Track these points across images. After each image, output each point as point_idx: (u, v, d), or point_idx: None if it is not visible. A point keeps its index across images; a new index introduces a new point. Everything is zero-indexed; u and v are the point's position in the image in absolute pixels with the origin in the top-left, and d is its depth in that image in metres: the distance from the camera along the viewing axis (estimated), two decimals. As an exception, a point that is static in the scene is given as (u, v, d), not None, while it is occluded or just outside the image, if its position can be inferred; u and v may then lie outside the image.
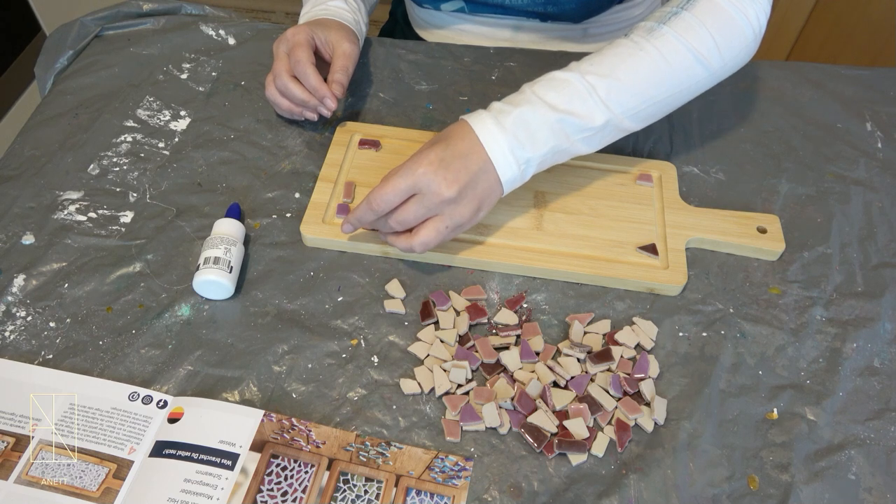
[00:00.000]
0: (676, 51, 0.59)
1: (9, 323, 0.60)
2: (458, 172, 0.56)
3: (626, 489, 0.51)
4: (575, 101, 0.58)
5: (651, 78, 0.59)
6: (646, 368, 0.57)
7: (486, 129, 0.58)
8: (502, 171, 0.58)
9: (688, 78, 0.60)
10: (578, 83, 0.58)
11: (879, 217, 0.70)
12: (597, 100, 0.58)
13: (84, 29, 0.85)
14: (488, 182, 0.58)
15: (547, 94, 0.58)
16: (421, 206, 0.57)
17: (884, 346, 0.60)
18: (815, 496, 0.52)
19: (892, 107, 0.80)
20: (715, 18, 0.59)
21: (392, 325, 0.60)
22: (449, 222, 0.58)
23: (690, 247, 0.66)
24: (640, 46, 0.59)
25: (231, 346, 0.59)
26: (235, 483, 0.50)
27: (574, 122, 0.58)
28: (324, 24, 0.73)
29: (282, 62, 0.70)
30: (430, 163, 0.56)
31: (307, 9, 0.77)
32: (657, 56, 0.59)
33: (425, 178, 0.56)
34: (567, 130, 0.59)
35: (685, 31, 0.59)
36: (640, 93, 0.59)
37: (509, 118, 0.58)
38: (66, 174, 0.71)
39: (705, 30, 0.59)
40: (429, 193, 0.56)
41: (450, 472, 0.52)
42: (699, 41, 0.59)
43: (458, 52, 0.85)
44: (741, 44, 0.61)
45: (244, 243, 0.65)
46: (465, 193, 0.57)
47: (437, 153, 0.57)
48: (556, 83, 0.59)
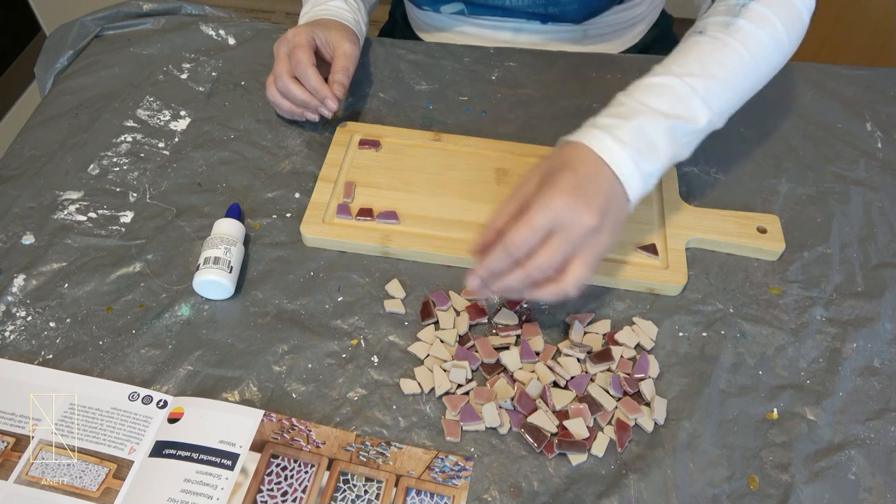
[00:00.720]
0: (758, 42, 0.59)
1: (9, 323, 0.60)
2: (595, 197, 0.51)
3: (626, 489, 0.51)
4: (679, 104, 0.56)
5: (741, 72, 0.59)
6: (646, 368, 0.57)
7: (607, 146, 0.53)
8: (631, 187, 0.53)
9: (767, 66, 0.62)
10: (678, 86, 0.56)
11: (879, 217, 0.70)
12: (699, 100, 0.57)
13: (84, 29, 0.85)
14: (619, 203, 0.53)
15: (651, 101, 0.56)
16: (564, 242, 0.50)
17: (884, 346, 0.60)
18: (815, 496, 0.52)
19: (892, 107, 0.80)
20: (780, 5, 0.60)
21: (392, 325, 0.60)
22: (594, 253, 0.52)
23: (690, 247, 0.66)
24: (724, 42, 0.59)
25: (231, 346, 0.59)
26: (235, 483, 0.50)
27: (683, 127, 0.56)
28: (324, 24, 0.73)
29: (282, 63, 0.70)
30: (567, 192, 0.50)
31: (307, 9, 0.77)
32: (742, 50, 0.59)
33: (566, 210, 0.50)
34: (677, 135, 0.56)
35: (761, 21, 0.59)
36: (733, 88, 0.59)
37: (625, 132, 0.54)
38: (66, 174, 0.71)
39: (776, 18, 0.60)
40: (570, 225, 0.50)
41: (450, 472, 0.52)
42: (774, 29, 0.60)
43: (458, 52, 0.85)
44: (800, 23, 0.63)
45: (244, 243, 0.65)
46: (605, 220, 0.51)
47: (569, 180, 0.51)
48: (657, 89, 0.56)
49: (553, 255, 0.50)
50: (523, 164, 0.71)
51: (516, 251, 0.51)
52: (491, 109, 0.79)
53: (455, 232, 0.65)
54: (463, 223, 0.66)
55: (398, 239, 0.64)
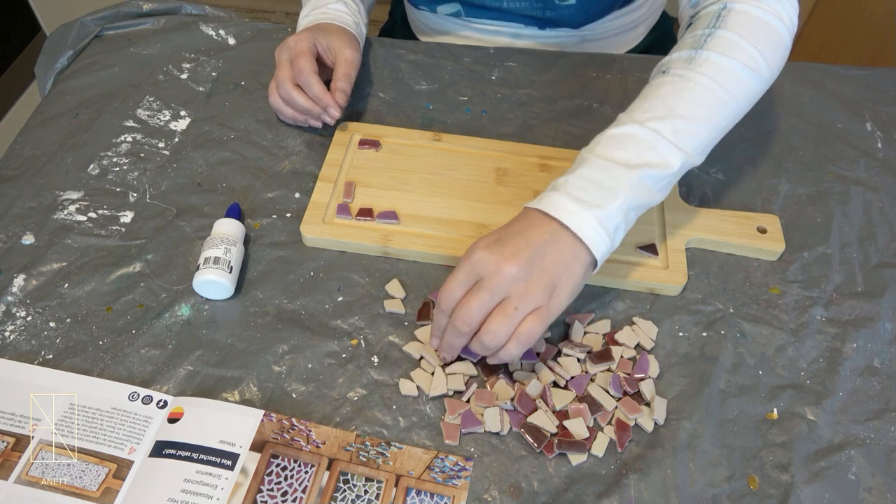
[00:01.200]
0: (728, 71, 0.56)
1: (9, 323, 0.60)
2: (515, 247, 0.50)
3: (626, 489, 0.51)
4: (645, 152, 0.54)
5: (712, 106, 0.56)
6: (646, 368, 0.57)
7: (551, 201, 0.52)
8: (595, 245, 0.52)
9: (744, 95, 0.58)
10: (642, 133, 0.54)
11: (879, 217, 0.70)
12: (667, 144, 0.54)
13: (84, 29, 0.85)
14: (558, 253, 0.51)
15: (613, 153, 0.54)
16: (483, 292, 0.50)
17: (884, 346, 0.60)
18: (815, 496, 0.52)
19: (892, 107, 0.80)
20: (752, 29, 0.57)
21: (392, 325, 0.60)
22: (518, 304, 0.50)
23: (690, 247, 0.66)
24: (687, 78, 0.56)
25: (231, 346, 0.59)
26: (235, 483, 0.50)
27: (653, 174, 0.54)
28: (325, 29, 0.73)
29: (285, 70, 0.70)
30: (485, 246, 0.51)
31: (306, 11, 0.77)
32: (710, 83, 0.56)
33: (481, 259, 0.50)
34: (648, 183, 0.54)
35: (728, 50, 0.56)
36: (705, 124, 0.56)
37: (572, 186, 0.53)
38: (66, 174, 0.71)
39: (747, 42, 0.57)
40: (487, 275, 0.50)
41: (450, 472, 0.52)
42: (745, 55, 0.57)
43: (458, 52, 0.85)
44: (781, 46, 0.59)
45: (244, 243, 0.65)
46: (530, 269, 0.50)
47: (492, 236, 0.52)
48: (618, 139, 0.54)
49: (470, 306, 0.50)
50: (523, 164, 0.71)
51: (444, 306, 0.52)
52: (491, 109, 0.79)
53: (455, 232, 0.65)
54: (463, 223, 0.66)
55: (398, 239, 0.64)
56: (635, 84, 0.82)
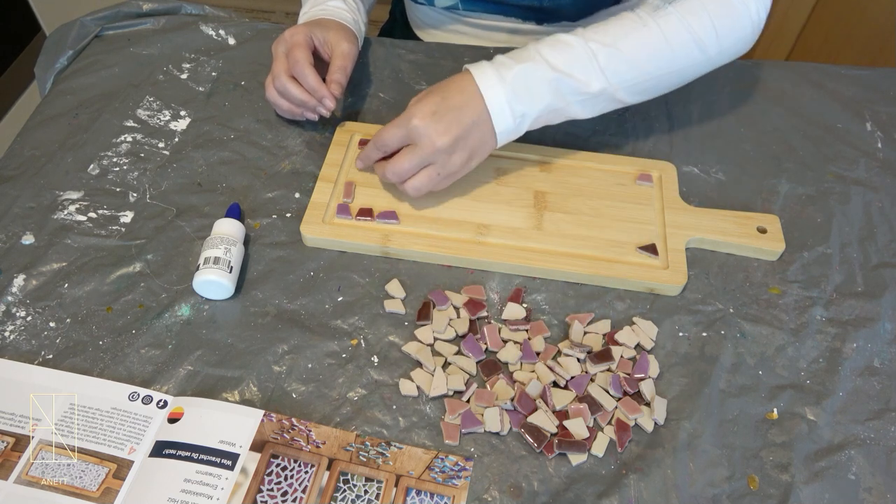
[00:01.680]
0: (678, 32, 0.61)
1: (9, 323, 0.60)
2: (450, 124, 0.59)
3: (626, 489, 0.51)
4: (575, 64, 0.60)
5: (650, 54, 0.61)
6: (646, 368, 0.57)
7: (488, 80, 0.60)
8: (498, 122, 0.61)
9: (685, 59, 0.63)
10: (581, 48, 0.61)
11: (879, 217, 0.70)
12: (596, 66, 0.61)
13: (84, 29, 0.85)
14: (481, 133, 0.61)
15: (549, 54, 0.61)
16: (415, 157, 0.60)
17: (884, 346, 0.60)
18: (815, 496, 0.52)
19: (892, 107, 0.80)
20: (718, 5, 0.61)
21: (392, 325, 0.60)
22: (441, 170, 0.61)
23: (690, 247, 0.66)
24: (644, 22, 0.61)
25: (231, 346, 0.59)
26: (235, 483, 0.50)
27: (571, 84, 0.61)
28: (322, 24, 0.73)
29: (280, 63, 0.70)
30: (424, 115, 0.60)
31: (306, 9, 0.77)
32: (658, 34, 0.61)
33: (418, 130, 0.60)
34: (563, 91, 0.61)
35: (688, 14, 0.61)
36: (637, 66, 0.62)
37: (510, 72, 0.60)
38: (66, 174, 0.71)
39: (708, 16, 0.61)
40: (421, 144, 0.60)
41: (450, 472, 0.52)
42: (700, 26, 0.61)
43: (457, 52, 0.85)
44: (739, 34, 0.63)
45: (244, 243, 0.65)
46: (457, 144, 0.60)
47: (432, 106, 0.60)
48: (560, 45, 0.61)
49: (402, 164, 0.61)
50: (523, 164, 0.71)
51: (378, 147, 0.63)
52: (491, 109, 0.79)
53: (455, 232, 0.65)
54: (463, 223, 0.66)
55: (398, 239, 0.64)
56: (635, 84, 0.82)
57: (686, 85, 0.83)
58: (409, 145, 0.61)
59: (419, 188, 0.62)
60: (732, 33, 0.63)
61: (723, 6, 0.61)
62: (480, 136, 0.61)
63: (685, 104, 0.80)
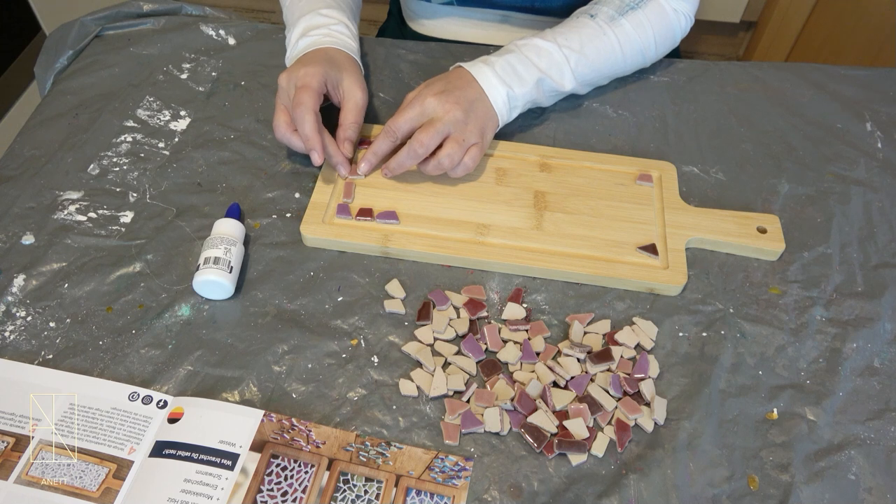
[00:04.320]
0: (630, 42, 0.75)
1: (9, 323, 0.60)
2: (458, 98, 0.66)
3: (626, 489, 0.51)
4: (552, 67, 0.71)
5: (608, 59, 0.74)
6: (646, 368, 0.57)
7: (482, 72, 0.69)
8: (497, 105, 0.69)
9: (631, 64, 0.77)
10: (557, 54, 0.71)
11: (879, 217, 0.70)
12: (568, 70, 0.72)
13: (84, 29, 0.85)
14: (485, 108, 0.68)
15: (531, 56, 0.70)
16: (432, 128, 0.65)
17: (884, 346, 0.60)
18: (815, 496, 0.52)
19: (892, 107, 0.80)
20: (659, 22, 0.75)
21: (392, 325, 0.60)
22: (463, 137, 0.66)
23: (690, 247, 0.66)
24: (604, 31, 0.73)
25: (231, 346, 0.59)
26: (235, 483, 0.50)
27: (550, 83, 0.72)
28: (336, 63, 0.69)
29: (282, 114, 0.67)
30: (435, 93, 0.65)
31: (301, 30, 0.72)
32: (615, 43, 0.74)
33: (432, 104, 0.65)
34: (544, 88, 0.72)
35: (638, 27, 0.74)
36: (597, 69, 0.74)
37: (501, 68, 0.69)
38: (66, 174, 0.71)
39: (651, 30, 0.75)
40: (436, 116, 0.65)
41: (450, 472, 0.52)
42: (645, 37, 0.75)
43: (457, 52, 0.85)
44: (670, 43, 0.79)
45: (244, 243, 0.65)
46: (468, 115, 0.66)
47: (439, 87, 0.66)
48: (540, 50, 0.71)
49: (428, 133, 0.65)
50: (523, 164, 0.71)
51: (392, 135, 0.66)
52: (491, 109, 0.79)
53: (455, 232, 0.65)
54: (463, 223, 0.66)
55: (398, 239, 0.64)
56: (635, 83, 0.82)
57: (686, 85, 0.84)
58: (426, 122, 0.65)
59: (451, 155, 0.65)
60: (665, 42, 0.78)
61: (663, 22, 0.76)
62: (485, 111, 0.68)
63: (685, 104, 0.80)
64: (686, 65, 0.85)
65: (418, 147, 0.65)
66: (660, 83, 0.83)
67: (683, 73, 0.84)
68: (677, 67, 0.85)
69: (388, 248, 0.64)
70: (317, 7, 0.74)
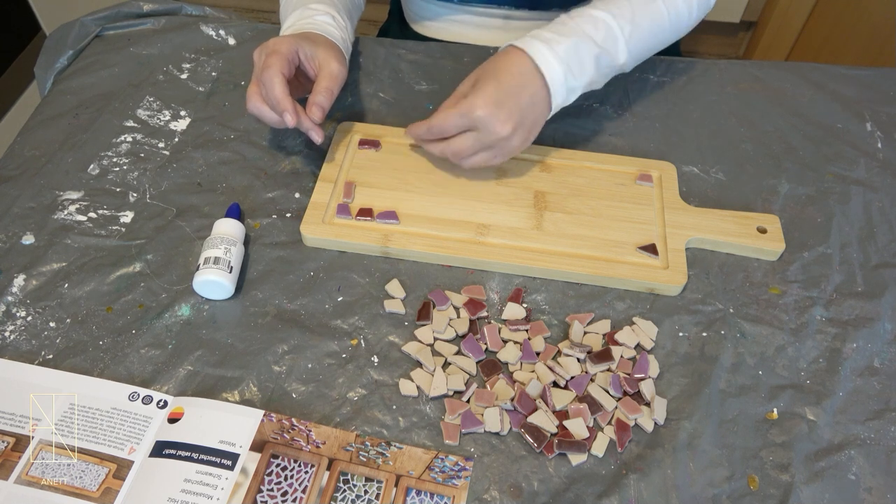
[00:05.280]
0: (678, 10, 0.70)
1: (9, 323, 0.60)
2: (511, 111, 0.61)
3: (626, 489, 0.51)
4: (608, 40, 0.66)
5: (657, 29, 0.69)
6: (646, 368, 0.57)
7: (543, 56, 0.62)
8: (556, 96, 0.64)
9: (677, 30, 0.72)
10: (613, 24, 0.66)
11: (879, 217, 0.70)
12: (623, 42, 0.67)
13: (84, 29, 0.85)
14: (536, 113, 0.64)
15: (591, 31, 0.65)
16: (477, 142, 0.62)
17: (884, 346, 0.60)
18: (815, 496, 0.52)
19: (892, 107, 0.80)
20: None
21: (392, 325, 0.60)
22: (500, 153, 0.64)
23: (690, 247, 0.66)
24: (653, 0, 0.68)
25: (231, 346, 0.59)
26: (235, 483, 0.50)
27: (607, 60, 0.66)
28: (311, 38, 0.67)
29: (253, 85, 0.64)
30: (487, 104, 0.60)
31: (290, 21, 0.71)
32: (665, 11, 0.69)
33: (483, 119, 0.61)
34: (602, 65, 0.66)
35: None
36: (648, 40, 0.69)
37: (562, 47, 0.63)
38: (66, 174, 0.71)
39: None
40: (485, 132, 0.61)
41: (450, 472, 0.52)
42: (689, 5, 0.71)
43: (458, 52, 0.86)
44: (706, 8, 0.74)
45: (244, 243, 0.65)
46: (517, 130, 0.62)
47: (492, 92, 0.61)
48: (595, 21, 0.65)
49: (463, 148, 0.63)
50: (523, 164, 0.71)
51: (433, 134, 0.64)
52: (491, 109, 0.78)
53: (455, 232, 0.65)
54: (463, 223, 0.66)
55: (398, 239, 0.64)
56: (635, 83, 0.82)
57: (686, 85, 0.84)
58: (471, 131, 0.63)
59: (474, 164, 0.65)
60: (702, 5, 0.73)
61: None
62: (535, 116, 0.64)
63: (685, 104, 0.80)
64: (686, 65, 0.85)
65: (451, 155, 0.64)
66: (660, 83, 0.83)
67: (683, 73, 0.84)
68: (677, 67, 0.85)
69: (388, 248, 0.64)
70: (308, 2, 0.72)
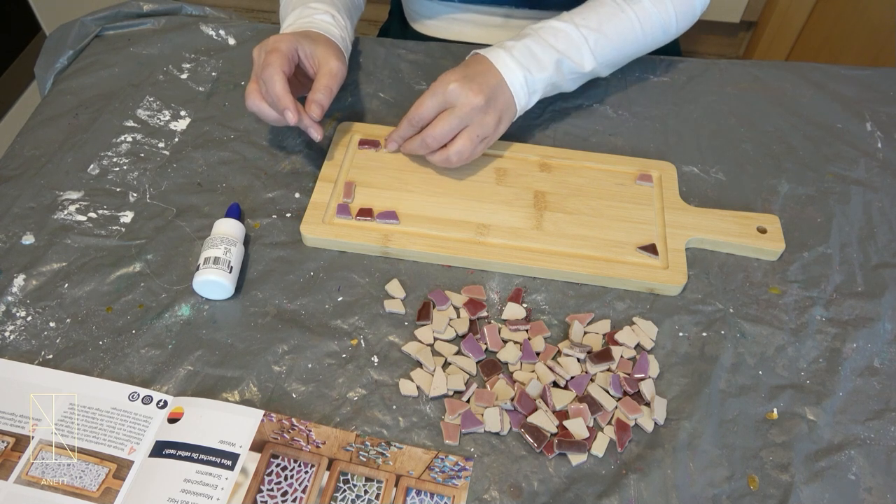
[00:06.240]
0: (650, 19, 0.72)
1: (9, 323, 0.60)
2: (481, 85, 0.65)
3: (626, 489, 0.51)
4: (571, 48, 0.70)
5: (628, 38, 0.72)
6: (646, 368, 0.57)
7: (498, 55, 0.67)
8: (515, 90, 0.67)
9: (652, 42, 0.75)
10: (574, 33, 0.70)
11: (879, 217, 0.70)
12: (588, 50, 0.70)
13: (84, 29, 0.85)
14: (505, 96, 0.67)
15: (549, 39, 0.69)
16: (453, 118, 0.64)
17: (884, 346, 0.60)
18: (815, 496, 0.52)
19: (892, 107, 0.80)
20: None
21: (392, 325, 0.60)
22: (479, 131, 0.66)
23: (690, 247, 0.66)
24: (622, 9, 0.71)
25: (231, 346, 0.59)
26: (235, 483, 0.50)
27: (569, 65, 0.70)
28: (311, 36, 0.67)
29: (253, 83, 0.65)
30: (457, 79, 0.64)
31: (290, 21, 0.71)
32: (636, 21, 0.72)
33: (455, 91, 0.64)
34: (563, 70, 0.70)
35: (657, 3, 0.72)
36: (617, 48, 0.72)
37: (520, 53, 0.68)
38: (66, 174, 0.71)
39: (672, 6, 0.73)
40: (459, 104, 0.64)
41: (450, 472, 0.52)
42: (666, 15, 0.73)
43: (458, 52, 0.86)
44: (691, 19, 0.76)
45: (244, 243, 0.65)
46: (489, 104, 0.65)
47: (460, 73, 0.65)
48: (557, 32, 0.70)
49: (441, 127, 0.65)
50: (523, 164, 0.71)
51: (415, 122, 0.66)
52: (491, 109, 0.78)
53: (455, 232, 0.65)
54: (463, 223, 0.66)
55: (398, 239, 0.64)
56: (635, 83, 0.82)
57: (686, 85, 0.84)
58: (445, 111, 0.65)
59: (461, 152, 0.66)
60: (685, 17, 0.75)
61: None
62: (505, 100, 0.67)
63: (685, 104, 0.80)
64: (686, 65, 0.85)
65: (431, 141, 0.65)
66: (660, 83, 0.83)
67: (683, 73, 0.84)
68: (677, 67, 0.85)
69: (388, 248, 0.64)
70: (308, 1, 0.72)
